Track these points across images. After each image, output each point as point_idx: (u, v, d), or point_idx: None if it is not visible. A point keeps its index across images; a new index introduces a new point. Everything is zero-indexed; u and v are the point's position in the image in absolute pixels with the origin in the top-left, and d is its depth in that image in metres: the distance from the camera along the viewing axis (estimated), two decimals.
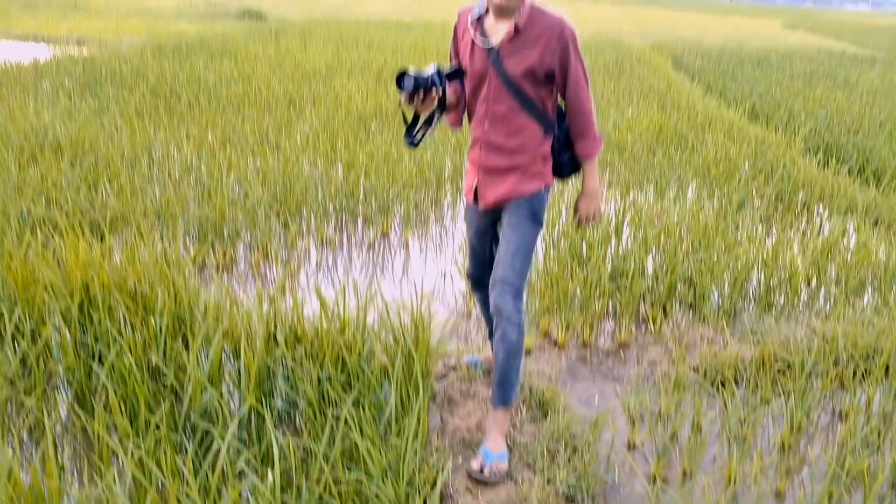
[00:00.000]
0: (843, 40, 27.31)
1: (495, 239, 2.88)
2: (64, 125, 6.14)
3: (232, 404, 2.80)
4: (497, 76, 2.59)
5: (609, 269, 4.20)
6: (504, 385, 2.68)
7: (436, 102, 2.54)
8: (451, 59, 2.81)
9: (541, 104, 2.64)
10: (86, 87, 8.24)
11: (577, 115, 2.66)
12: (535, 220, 2.70)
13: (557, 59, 2.55)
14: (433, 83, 2.48)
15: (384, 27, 18.16)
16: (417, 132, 2.64)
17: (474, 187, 2.78)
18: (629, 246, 4.52)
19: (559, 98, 2.70)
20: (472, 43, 2.64)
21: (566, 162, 2.74)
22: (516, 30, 2.54)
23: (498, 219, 2.81)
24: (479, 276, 3.01)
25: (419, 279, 4.40)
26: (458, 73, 2.66)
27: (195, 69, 9.70)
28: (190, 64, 10.12)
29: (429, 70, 2.50)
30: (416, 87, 2.47)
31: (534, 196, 2.69)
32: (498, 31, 2.60)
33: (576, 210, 2.79)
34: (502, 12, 2.56)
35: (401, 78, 2.47)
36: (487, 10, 2.63)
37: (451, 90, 2.70)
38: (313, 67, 10.62)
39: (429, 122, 2.63)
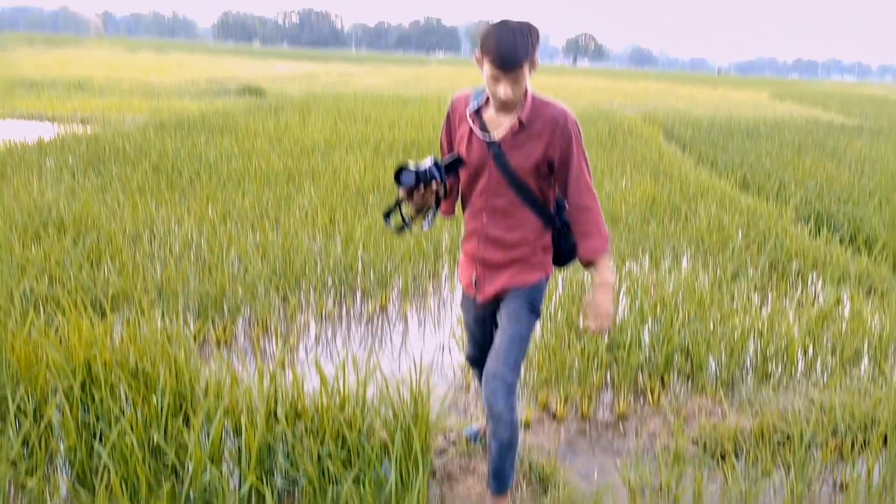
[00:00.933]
0: (830, 110, 27.92)
1: (495, 324, 2.79)
2: (67, 203, 6.24)
3: (232, 482, 2.79)
4: (497, 170, 2.53)
5: (606, 340, 4.23)
6: (499, 476, 2.68)
7: (435, 196, 2.48)
8: (442, 147, 2.75)
9: (542, 198, 2.60)
10: (89, 165, 8.39)
11: (582, 213, 2.57)
12: (533, 310, 2.66)
13: (559, 153, 2.51)
14: (433, 177, 2.42)
15: (381, 101, 18.56)
16: (413, 219, 2.59)
17: (473, 281, 2.73)
18: (626, 316, 4.56)
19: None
20: (470, 134, 2.58)
21: (566, 251, 2.70)
22: (520, 124, 2.50)
23: (497, 307, 2.75)
24: (479, 358, 2.96)
25: (418, 352, 4.43)
26: (455, 164, 2.55)
27: (196, 145, 9.90)
28: (191, 140, 10.33)
29: (426, 163, 2.44)
30: (417, 182, 2.40)
31: (533, 287, 2.65)
32: (500, 124, 2.54)
33: (586, 310, 2.60)
34: (505, 106, 2.49)
35: (400, 173, 2.41)
36: (487, 101, 2.58)
37: (448, 182, 2.62)
38: (312, 142, 10.82)
39: (425, 211, 2.55)
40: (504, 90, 2.39)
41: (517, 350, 2.62)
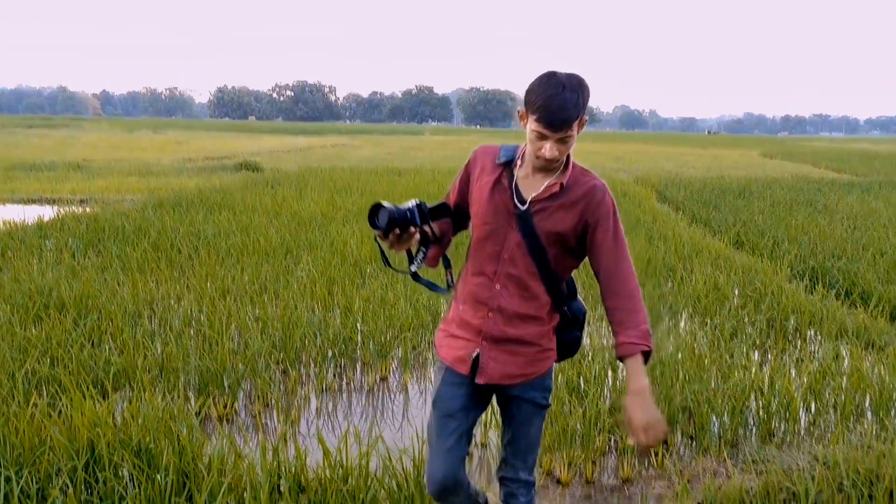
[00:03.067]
0: (820, 167, 28.38)
1: (478, 410, 2.48)
2: (68, 283, 6.29)
3: None
4: (521, 233, 2.28)
5: (607, 403, 4.24)
6: None
7: (414, 241, 2.27)
8: (448, 196, 2.50)
9: (559, 274, 2.35)
10: (89, 245, 8.47)
11: (624, 297, 2.27)
12: (548, 403, 2.46)
13: (594, 223, 2.27)
14: (412, 220, 2.22)
15: (376, 173, 18.83)
16: (416, 261, 2.36)
17: (472, 358, 2.37)
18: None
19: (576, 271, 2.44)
20: (493, 189, 2.32)
21: (569, 342, 2.45)
22: (561, 188, 2.27)
23: (491, 394, 2.47)
24: (454, 478, 2.40)
25: (419, 422, 4.42)
26: (441, 211, 2.36)
27: (195, 223, 10.01)
28: (189, 218, 10.45)
29: (408, 204, 2.24)
30: (391, 225, 2.19)
31: (548, 375, 2.43)
32: (533, 184, 2.30)
33: (628, 424, 2.24)
34: (545, 168, 2.27)
35: (374, 212, 2.19)
36: (521, 159, 2.34)
37: (436, 226, 2.41)
38: (309, 215, 10.95)
39: (412, 254, 2.35)
40: (550, 150, 2.18)
41: (536, 451, 2.50)
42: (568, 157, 2.27)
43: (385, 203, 2.18)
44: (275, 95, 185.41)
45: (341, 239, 9.00)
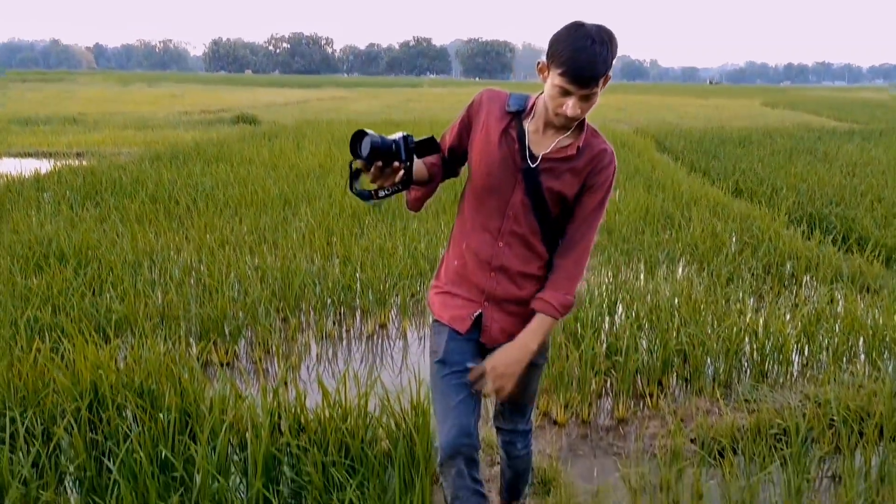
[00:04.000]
0: (821, 115, 28.20)
1: None
2: (67, 234, 6.31)
3: (240, 494, 2.85)
4: (526, 191, 2.16)
5: (604, 347, 4.29)
6: (515, 493, 2.71)
7: (398, 177, 2.06)
8: (445, 137, 2.32)
9: (559, 232, 2.24)
10: (87, 197, 8.47)
11: (571, 262, 2.20)
12: (545, 360, 2.44)
13: (589, 186, 2.18)
14: (397, 154, 2.01)
15: (374, 126, 18.62)
16: (375, 192, 2.11)
17: (473, 318, 2.26)
18: (622, 323, 4.62)
19: None
20: (501, 138, 2.16)
21: None
22: (577, 152, 2.14)
23: (489, 351, 2.32)
24: (470, 436, 2.21)
25: (418, 367, 4.48)
26: (428, 146, 2.13)
27: (192, 175, 9.98)
28: (187, 170, 10.42)
29: (395, 136, 2.03)
30: (374, 155, 1.97)
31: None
32: (543, 141, 2.16)
33: (487, 363, 2.16)
34: (562, 126, 2.12)
35: (357, 140, 1.98)
36: (530, 110, 2.18)
37: (422, 163, 2.23)
38: (307, 167, 10.92)
39: (389, 189, 2.10)
40: (573, 108, 2.01)
41: (535, 400, 2.52)
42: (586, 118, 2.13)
43: (369, 132, 1.98)
44: (271, 48, 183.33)
45: (339, 190, 8.98)
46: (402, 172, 2.04)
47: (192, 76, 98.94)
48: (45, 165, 11.66)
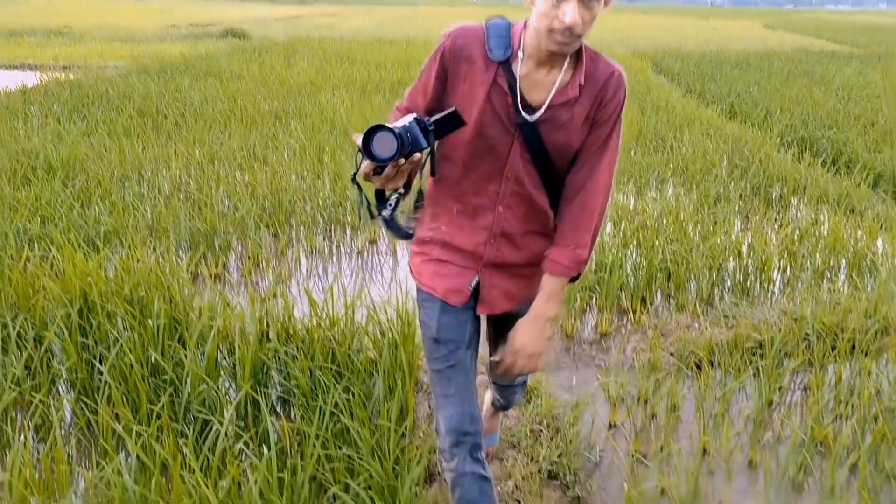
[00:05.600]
0: (821, 38, 27.77)
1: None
2: (54, 147, 6.26)
3: (229, 396, 2.93)
4: (526, 147, 1.82)
5: (591, 265, 4.34)
6: (507, 407, 2.64)
7: (414, 173, 1.73)
8: (415, 96, 1.89)
9: (563, 182, 1.90)
10: (74, 110, 8.37)
11: (577, 209, 1.86)
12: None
13: (596, 125, 1.82)
14: (420, 143, 1.59)
15: (367, 44, 18.34)
16: (389, 203, 1.77)
17: (471, 288, 1.96)
18: (609, 241, 4.67)
19: None
20: (490, 92, 1.78)
21: None
22: (580, 91, 1.79)
23: (491, 322, 2.16)
24: (475, 422, 1.98)
25: (407, 282, 4.54)
26: (453, 123, 1.67)
27: (181, 89, 9.85)
28: (175, 84, 10.27)
29: (404, 122, 1.60)
30: (399, 152, 1.54)
31: None
32: (538, 84, 1.79)
33: (509, 343, 1.90)
34: (552, 58, 1.75)
35: (370, 137, 1.54)
36: (517, 49, 1.78)
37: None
38: (298, 84, 10.77)
39: (395, 195, 1.77)
40: (573, 14, 1.60)
41: None
42: (583, 45, 1.76)
43: (394, 126, 1.56)
44: None
45: (331, 107, 8.90)
46: (421, 162, 1.65)
47: None
48: (30, 78, 11.46)
